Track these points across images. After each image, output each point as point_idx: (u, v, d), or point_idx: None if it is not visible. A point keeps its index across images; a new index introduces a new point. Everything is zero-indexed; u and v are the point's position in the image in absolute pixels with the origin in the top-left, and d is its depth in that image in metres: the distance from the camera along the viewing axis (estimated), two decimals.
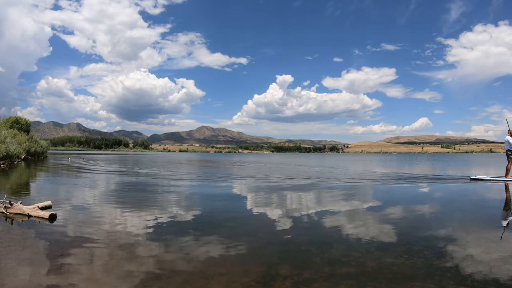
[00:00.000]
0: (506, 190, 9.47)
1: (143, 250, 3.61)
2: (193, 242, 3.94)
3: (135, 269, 3.06)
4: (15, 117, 32.12)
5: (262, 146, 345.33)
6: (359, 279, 2.84)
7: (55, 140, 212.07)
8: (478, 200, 7.68)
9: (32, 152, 28.85)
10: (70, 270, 3.02)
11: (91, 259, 3.29)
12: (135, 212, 5.66)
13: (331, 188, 9.47)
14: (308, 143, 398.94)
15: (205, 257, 3.40)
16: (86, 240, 3.95)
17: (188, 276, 2.90)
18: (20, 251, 3.51)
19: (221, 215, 5.57)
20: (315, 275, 2.94)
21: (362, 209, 6.19)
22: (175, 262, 3.25)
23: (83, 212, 5.58)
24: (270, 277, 2.90)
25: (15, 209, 5.33)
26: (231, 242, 3.95)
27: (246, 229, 4.59)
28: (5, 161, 21.03)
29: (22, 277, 2.85)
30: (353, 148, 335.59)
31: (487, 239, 4.16)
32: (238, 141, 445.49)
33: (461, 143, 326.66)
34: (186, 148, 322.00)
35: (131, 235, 4.20)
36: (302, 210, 5.99)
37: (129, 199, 7.14)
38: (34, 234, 4.19)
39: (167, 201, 6.90)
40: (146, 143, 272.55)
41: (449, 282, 2.78)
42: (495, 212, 6.22)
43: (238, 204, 6.82)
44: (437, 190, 9.39)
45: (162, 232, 4.37)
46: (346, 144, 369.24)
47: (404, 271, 3.03)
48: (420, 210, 6.14)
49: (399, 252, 3.57)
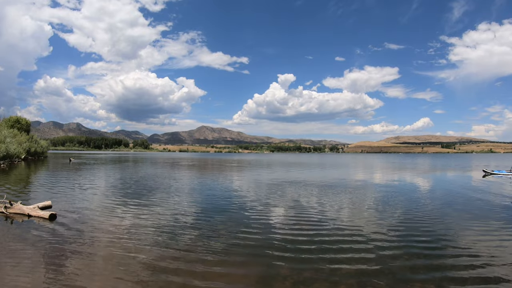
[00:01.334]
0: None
1: (143, 249, 3.60)
2: (193, 241, 3.93)
3: (134, 268, 3.06)
4: (16, 117, 32.13)
5: (262, 146, 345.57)
6: (359, 279, 2.84)
7: (55, 140, 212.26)
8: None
9: (32, 152, 28.86)
10: (70, 269, 3.02)
11: (91, 258, 3.29)
12: (134, 212, 5.65)
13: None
14: (309, 143, 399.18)
15: (205, 256, 3.40)
16: (85, 239, 3.95)
17: (189, 276, 2.90)
18: (20, 251, 3.51)
19: (221, 215, 5.57)
20: (315, 275, 2.94)
21: (362, 210, 6.19)
22: (175, 261, 3.24)
23: (83, 212, 5.58)
24: (270, 277, 2.90)
25: (15, 209, 5.34)
26: (231, 241, 3.95)
27: (246, 229, 4.58)
28: (5, 161, 21.05)
29: (22, 276, 2.85)
30: (353, 148, 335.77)
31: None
32: (238, 141, 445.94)
33: (461, 143, 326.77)
34: (186, 148, 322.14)
35: (130, 234, 4.19)
36: (302, 210, 5.98)
37: (128, 198, 7.13)
38: (34, 234, 4.19)
39: (167, 201, 6.90)
40: (146, 143, 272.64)
41: (449, 282, 2.78)
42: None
43: (238, 203, 6.81)
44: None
45: (161, 231, 4.37)
46: (346, 144, 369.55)
47: (404, 271, 3.03)
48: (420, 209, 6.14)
49: (399, 252, 3.57)
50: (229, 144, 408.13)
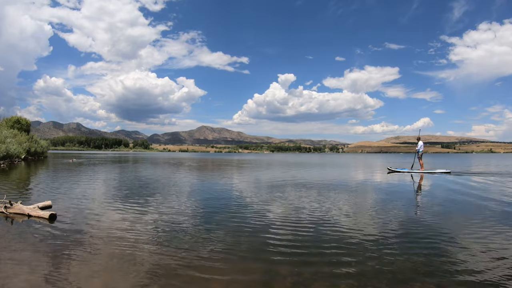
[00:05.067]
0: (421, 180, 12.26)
1: (143, 249, 3.61)
2: (193, 241, 3.94)
3: (135, 268, 3.06)
4: (16, 117, 32.16)
5: (262, 146, 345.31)
6: (359, 279, 2.84)
7: (55, 140, 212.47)
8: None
9: (32, 152, 28.87)
10: (70, 270, 3.02)
11: (91, 259, 3.29)
12: (135, 211, 5.66)
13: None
14: (309, 143, 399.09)
15: (205, 256, 3.40)
16: (86, 239, 3.95)
17: (188, 276, 2.90)
18: (20, 251, 3.51)
19: (221, 214, 5.57)
20: (315, 275, 2.94)
21: (362, 210, 6.19)
22: (175, 261, 3.24)
23: (83, 212, 5.58)
24: (270, 277, 2.90)
25: (15, 209, 5.34)
26: (231, 241, 3.95)
27: (246, 229, 4.58)
28: (5, 161, 21.05)
29: (22, 277, 2.85)
30: (353, 148, 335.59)
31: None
32: (238, 141, 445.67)
33: (461, 143, 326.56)
34: (186, 148, 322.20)
35: (130, 234, 4.20)
36: (301, 210, 5.98)
37: (129, 198, 7.13)
38: (34, 234, 4.19)
39: (167, 200, 6.90)
40: (146, 143, 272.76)
41: (449, 282, 2.78)
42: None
43: (238, 203, 6.81)
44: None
45: (161, 231, 4.37)
46: (346, 144, 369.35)
47: (404, 271, 3.03)
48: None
49: (399, 252, 3.57)
50: (229, 144, 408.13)
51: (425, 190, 9.48)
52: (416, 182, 11.74)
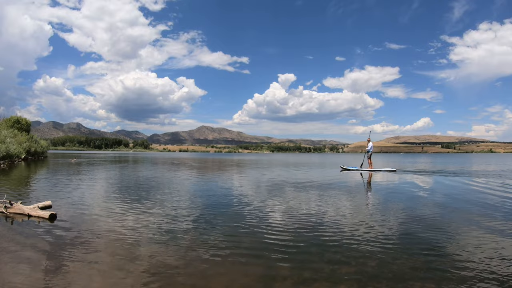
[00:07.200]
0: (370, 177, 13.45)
1: (143, 249, 3.61)
2: (193, 241, 3.94)
3: (134, 269, 3.06)
4: (16, 117, 32.15)
5: (262, 146, 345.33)
6: (359, 279, 2.84)
7: (55, 140, 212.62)
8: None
9: (32, 152, 28.86)
10: (70, 270, 3.02)
11: (91, 259, 3.29)
12: (135, 211, 5.66)
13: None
14: (309, 143, 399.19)
15: (205, 256, 3.40)
16: (86, 239, 3.95)
17: (188, 276, 2.90)
18: (20, 251, 3.51)
19: (221, 214, 5.57)
20: (315, 275, 2.94)
21: (362, 210, 6.19)
22: (175, 261, 3.24)
23: (83, 212, 5.58)
24: (270, 277, 2.90)
25: (15, 209, 5.34)
26: (231, 241, 3.95)
27: (246, 229, 4.58)
28: (5, 161, 21.05)
29: (22, 277, 2.85)
30: (353, 148, 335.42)
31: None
32: (238, 141, 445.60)
33: (461, 143, 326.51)
34: (186, 148, 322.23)
35: (130, 234, 4.20)
36: (302, 210, 5.98)
37: (129, 198, 7.13)
38: (34, 234, 4.19)
39: (167, 200, 6.90)
40: (146, 143, 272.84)
41: (449, 282, 2.78)
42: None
43: (238, 203, 6.81)
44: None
45: (161, 231, 4.37)
46: (346, 144, 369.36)
47: (404, 271, 3.03)
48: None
49: (399, 252, 3.57)
50: (229, 144, 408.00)
51: (385, 187, 9.48)
52: (365, 178, 13.07)
